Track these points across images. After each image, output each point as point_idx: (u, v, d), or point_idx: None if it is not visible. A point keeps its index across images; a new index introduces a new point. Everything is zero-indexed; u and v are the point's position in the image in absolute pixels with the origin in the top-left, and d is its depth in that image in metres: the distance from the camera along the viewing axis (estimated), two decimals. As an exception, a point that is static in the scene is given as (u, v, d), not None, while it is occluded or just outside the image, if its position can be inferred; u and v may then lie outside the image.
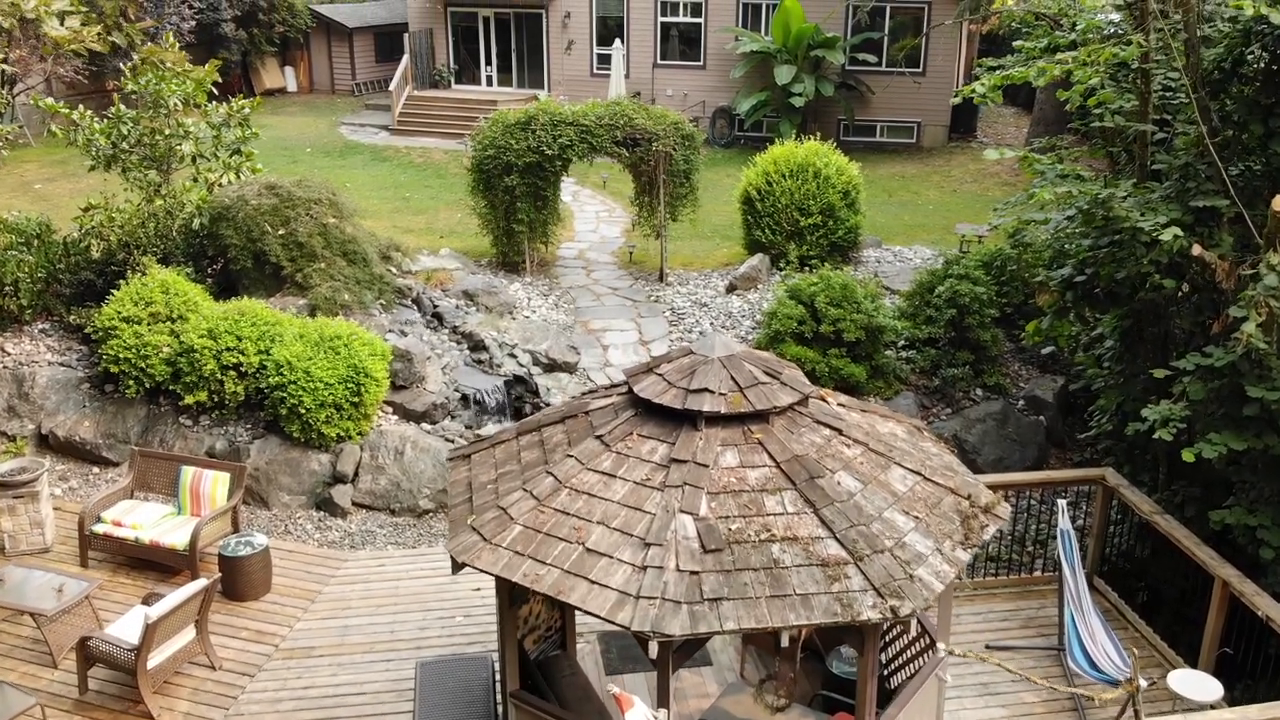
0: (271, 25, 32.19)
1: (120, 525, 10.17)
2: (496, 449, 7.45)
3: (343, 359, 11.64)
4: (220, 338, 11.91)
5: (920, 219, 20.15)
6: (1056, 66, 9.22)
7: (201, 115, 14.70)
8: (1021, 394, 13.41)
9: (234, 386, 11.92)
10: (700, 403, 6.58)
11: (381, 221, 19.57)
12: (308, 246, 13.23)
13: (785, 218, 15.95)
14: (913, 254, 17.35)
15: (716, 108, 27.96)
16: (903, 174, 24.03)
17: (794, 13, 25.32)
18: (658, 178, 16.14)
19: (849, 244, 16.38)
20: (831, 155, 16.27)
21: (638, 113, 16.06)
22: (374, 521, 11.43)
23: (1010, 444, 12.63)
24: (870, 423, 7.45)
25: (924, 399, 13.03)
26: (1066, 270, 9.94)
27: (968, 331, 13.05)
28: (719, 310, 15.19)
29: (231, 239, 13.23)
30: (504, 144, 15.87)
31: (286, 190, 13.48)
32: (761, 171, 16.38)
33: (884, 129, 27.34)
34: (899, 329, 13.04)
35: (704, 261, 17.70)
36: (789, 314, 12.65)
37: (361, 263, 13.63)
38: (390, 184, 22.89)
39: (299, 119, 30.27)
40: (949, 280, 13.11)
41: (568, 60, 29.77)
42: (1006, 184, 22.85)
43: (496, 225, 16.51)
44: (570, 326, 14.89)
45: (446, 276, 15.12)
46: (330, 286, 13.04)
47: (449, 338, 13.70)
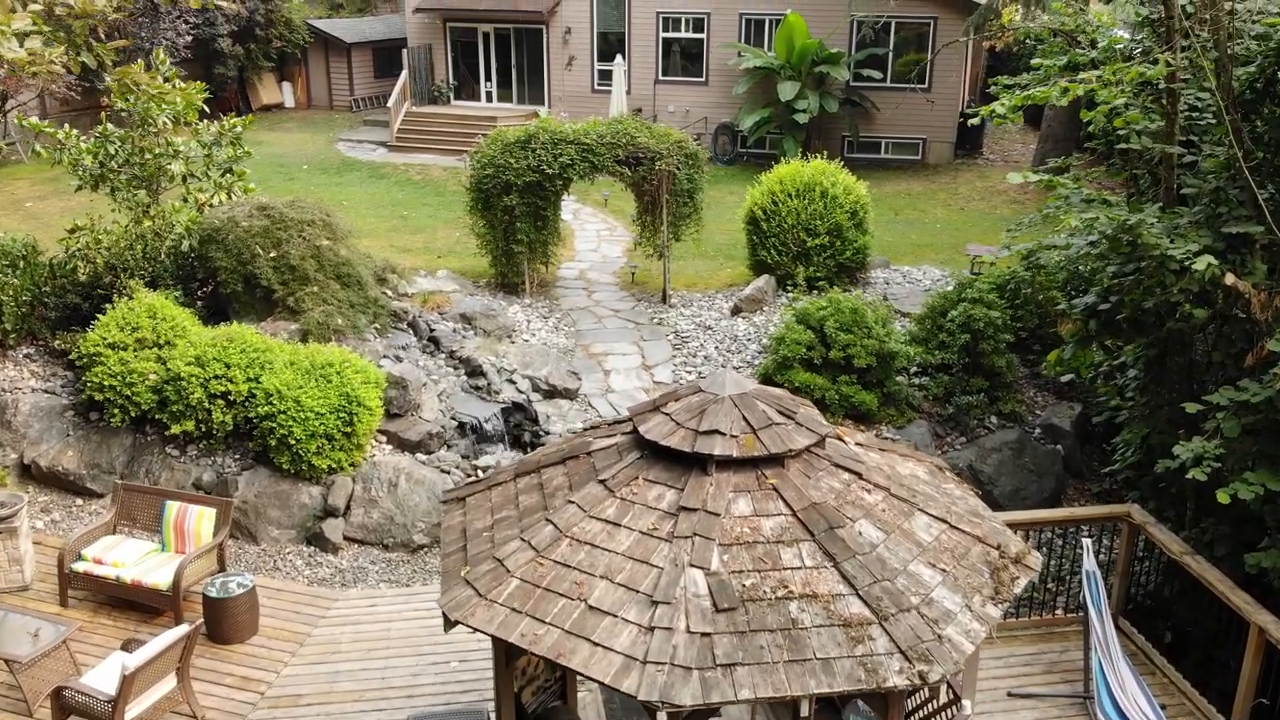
0: (269, 40, 31.87)
1: (101, 563, 9.72)
2: (493, 491, 7.01)
3: (334, 387, 11.21)
4: (208, 365, 11.48)
5: (928, 238, 19.75)
6: (1080, 86, 8.81)
7: (192, 134, 14.30)
8: (1038, 422, 12.97)
9: (222, 416, 11.49)
10: (711, 445, 6.15)
11: (378, 241, 19.18)
12: (300, 269, 12.81)
13: (791, 238, 15.54)
14: (921, 274, 16.93)
15: (719, 124, 27.60)
16: (909, 191, 23.65)
17: (798, 28, 24.98)
18: (660, 197, 15.74)
19: (857, 265, 15.97)
20: (839, 174, 15.87)
21: (640, 131, 15.67)
22: (366, 557, 10.98)
23: (1027, 475, 12.19)
24: (890, 464, 7.03)
25: (938, 427, 12.60)
26: (1090, 298, 9.52)
27: (982, 358, 12.62)
28: (724, 333, 14.77)
29: (221, 262, 12.82)
30: (503, 163, 15.48)
31: (278, 211, 13.07)
32: (767, 191, 15.98)
33: (889, 146, 26.97)
34: (911, 355, 12.61)
35: (707, 282, 17.29)
36: (797, 339, 12.22)
37: (355, 286, 13.21)
38: (388, 202, 22.50)
39: (296, 135, 29.91)
40: (962, 305, 12.69)
41: (568, 76, 29.43)
42: (1015, 202, 22.46)
43: (495, 245, 16.11)
44: (571, 350, 14.47)
45: (444, 299, 14.70)
46: (323, 311, 12.62)
47: (445, 363, 13.28)
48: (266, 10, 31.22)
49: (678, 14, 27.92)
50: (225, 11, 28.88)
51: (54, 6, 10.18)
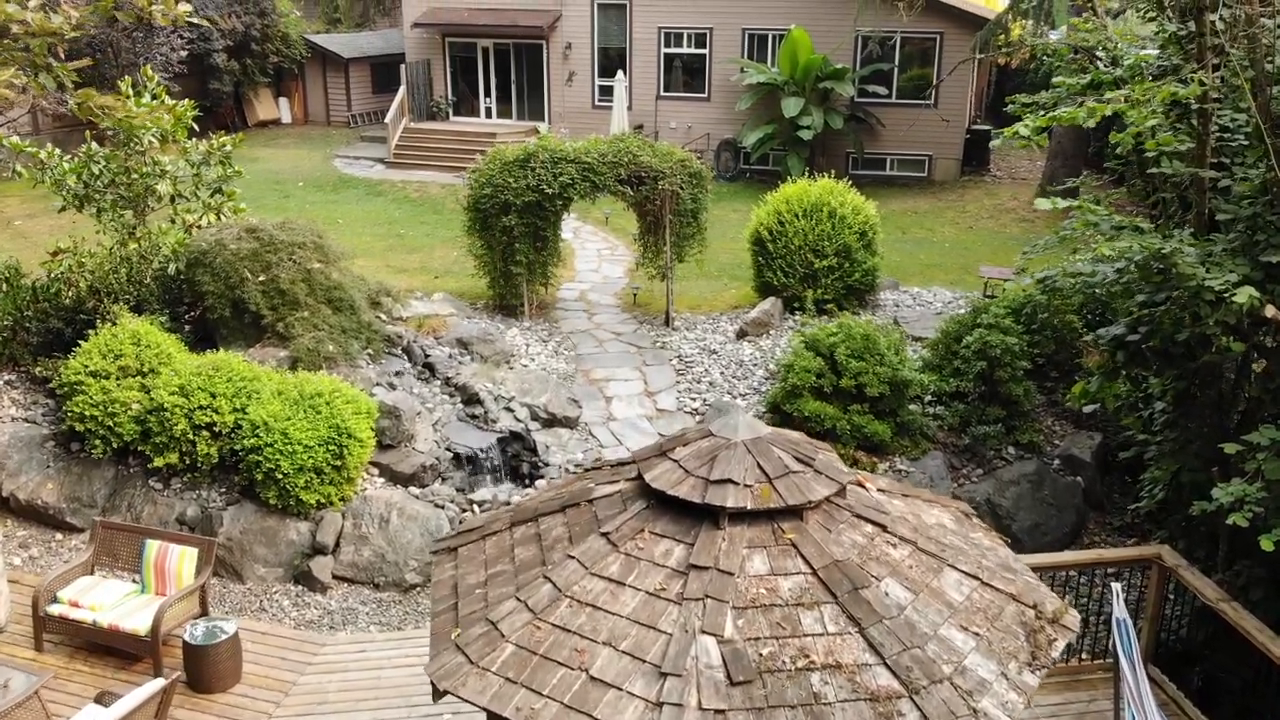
0: (265, 56, 31.51)
1: (78, 606, 9.22)
2: (487, 541, 6.52)
3: (324, 419, 10.73)
4: (192, 395, 11.01)
5: (937, 258, 19.30)
6: (1107, 106, 8.35)
7: (180, 153, 13.85)
8: (1056, 452, 12.49)
9: (207, 448, 11.00)
10: (723, 496, 5.66)
11: (374, 260, 18.73)
12: (290, 294, 12.35)
13: (799, 260, 15.08)
14: (932, 296, 16.47)
15: (721, 140, 27.20)
16: (915, 209, 23.21)
17: (802, 44, 24.58)
18: (663, 217, 15.29)
19: (866, 287, 15.51)
20: (847, 194, 15.42)
21: (643, 149, 15.23)
22: (356, 597, 10.48)
23: (1047, 508, 11.70)
24: (915, 512, 6.54)
25: (953, 459, 12.11)
26: (1118, 329, 9.04)
27: (999, 385, 12.14)
28: (729, 358, 14.29)
29: (208, 286, 12.35)
30: (501, 182, 15.04)
31: (268, 234, 12.61)
32: (773, 211, 15.53)
33: (894, 162, 26.56)
34: (925, 383, 12.13)
35: (711, 304, 16.82)
36: (806, 367, 11.75)
37: (348, 310, 12.74)
38: (384, 220, 22.07)
39: (292, 151, 29.51)
40: (978, 330, 12.22)
41: (569, 92, 29.04)
42: (1024, 220, 22.02)
43: (493, 267, 15.65)
44: (571, 376, 14.00)
45: (440, 323, 14.23)
46: (313, 337, 12.15)
47: (441, 390, 12.80)
48: (263, 25, 30.85)
49: (679, 29, 27.55)
50: (219, 27, 28.50)
51: (9, 24, 9.70)
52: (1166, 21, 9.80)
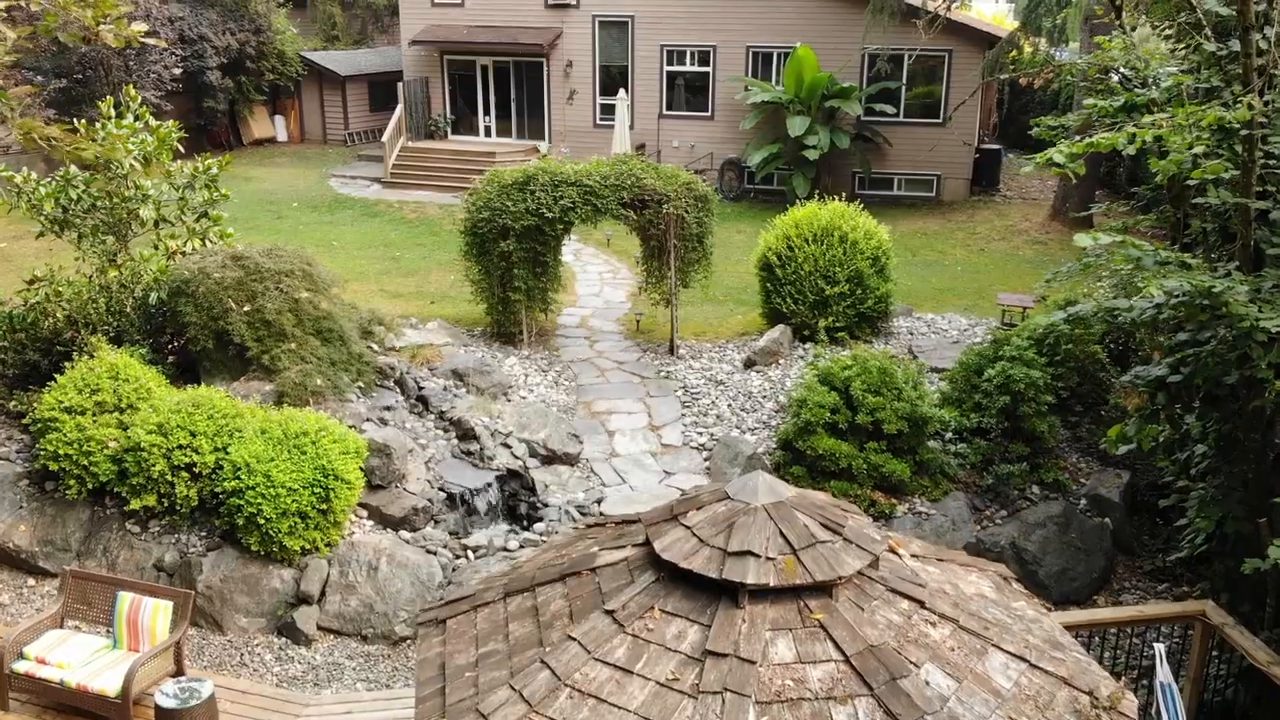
0: (260, 73, 31.01)
1: (44, 663, 8.58)
2: (478, 614, 5.89)
3: (309, 459, 10.11)
4: (171, 434, 10.39)
5: (949, 281, 18.71)
6: (1149, 131, 7.76)
7: (164, 176, 13.27)
8: (1083, 492, 11.86)
9: (186, 490, 10.38)
10: (743, 570, 5.04)
11: (368, 285, 18.16)
12: (276, 325, 11.74)
13: (809, 286, 14.49)
14: (946, 323, 15.87)
15: (725, 159, 26.66)
16: (925, 230, 22.64)
17: (807, 62, 24.06)
18: (668, 242, 14.71)
19: (878, 314, 14.91)
20: (859, 218, 14.84)
21: (646, 172, 14.66)
22: (342, 650, 9.83)
23: (1074, 553, 11.07)
24: (952, 580, 5.92)
25: (975, 499, 11.49)
26: (1159, 370, 8.44)
27: (1022, 421, 11.53)
28: (736, 389, 13.68)
29: (191, 316, 11.75)
30: (500, 205, 14.46)
31: (254, 261, 12.02)
32: (781, 235, 14.95)
33: (902, 182, 26.02)
34: (946, 420, 11.52)
35: (717, 330, 16.23)
36: (820, 402, 11.13)
37: (337, 342, 12.13)
38: (380, 242, 21.49)
39: (287, 170, 28.98)
40: (1000, 363, 11.61)
41: (570, 110, 28.52)
42: (1037, 242, 21.45)
43: (491, 293, 15.07)
44: (572, 408, 13.39)
45: (434, 353, 13.63)
46: (300, 371, 11.54)
47: (435, 425, 12.19)
48: (258, 42, 30.36)
49: (682, 47, 27.05)
50: (213, 44, 28.04)
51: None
52: (1204, 41, 9.22)
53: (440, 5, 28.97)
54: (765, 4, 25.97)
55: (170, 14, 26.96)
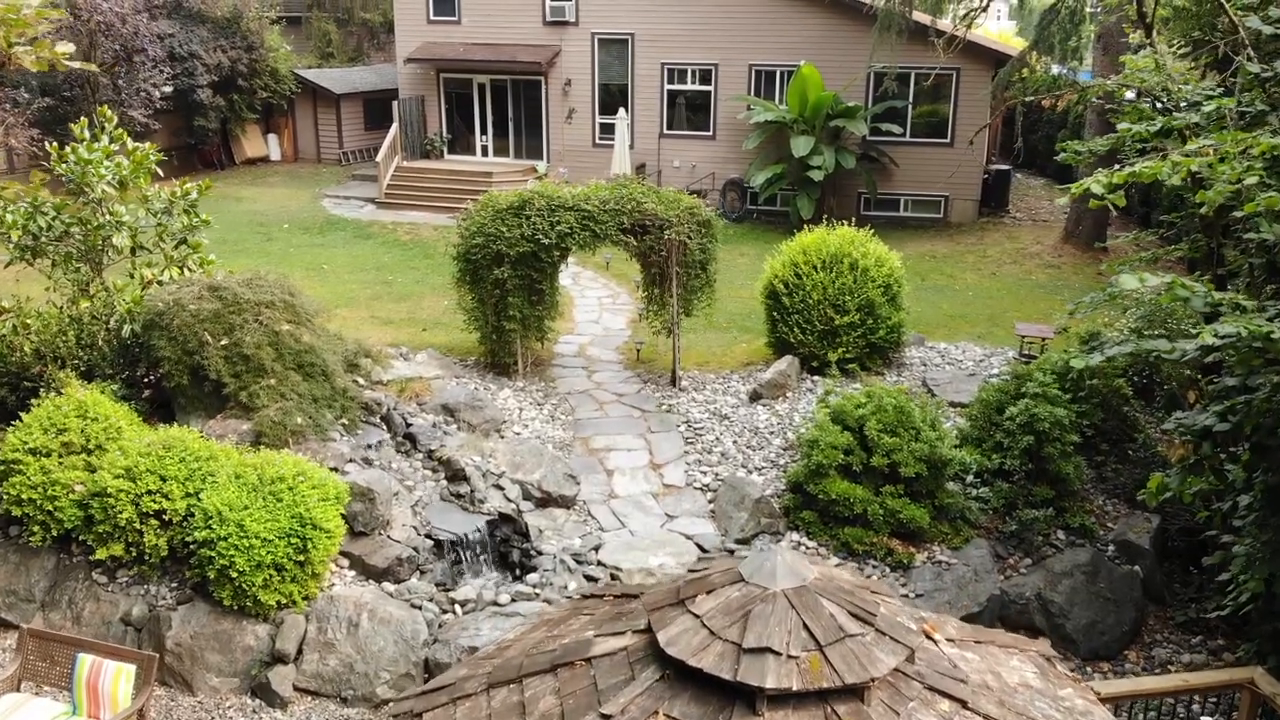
0: (253, 91, 30.42)
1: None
2: (458, 708, 5.20)
3: (285, 507, 9.42)
4: (140, 479, 9.70)
5: (960, 307, 18.05)
6: (1194, 160, 7.12)
7: (140, 201, 12.63)
8: (1110, 537, 11.17)
9: (155, 538, 9.69)
10: (761, 671, 4.36)
11: (358, 311, 17.51)
12: (255, 360, 11.07)
13: (817, 315, 13.82)
14: (960, 353, 15.19)
15: (727, 180, 26.05)
16: (933, 253, 22.00)
17: (811, 81, 23.47)
18: (670, 269, 14.05)
19: (890, 345, 14.24)
20: (869, 244, 14.17)
21: (647, 196, 14.00)
22: (320, 713, 9.12)
23: (1103, 604, 10.38)
24: (994, 669, 5.25)
25: (998, 546, 10.79)
26: (1206, 418, 7.76)
27: (1047, 463, 10.85)
28: (742, 424, 13.00)
29: (165, 351, 11.07)
30: (494, 231, 13.81)
31: (232, 292, 11.35)
32: (788, 262, 14.28)
33: (908, 203, 25.40)
34: (967, 462, 10.84)
35: (721, 360, 15.55)
36: (833, 443, 10.46)
37: (320, 377, 11.46)
38: (372, 265, 20.85)
39: (279, 190, 28.37)
40: (1023, 401, 10.94)
41: (568, 130, 27.93)
42: (1050, 266, 20.80)
43: (485, 322, 14.39)
44: (568, 445, 12.70)
45: (423, 386, 12.95)
46: (279, 409, 10.86)
47: (423, 465, 11.50)
48: (250, 60, 29.78)
49: (683, 65, 26.47)
50: (205, 61, 27.47)
51: None
52: (1246, 63, 8.59)
53: (437, 22, 28.43)
54: (768, 22, 25.40)
55: (160, 31, 26.38)
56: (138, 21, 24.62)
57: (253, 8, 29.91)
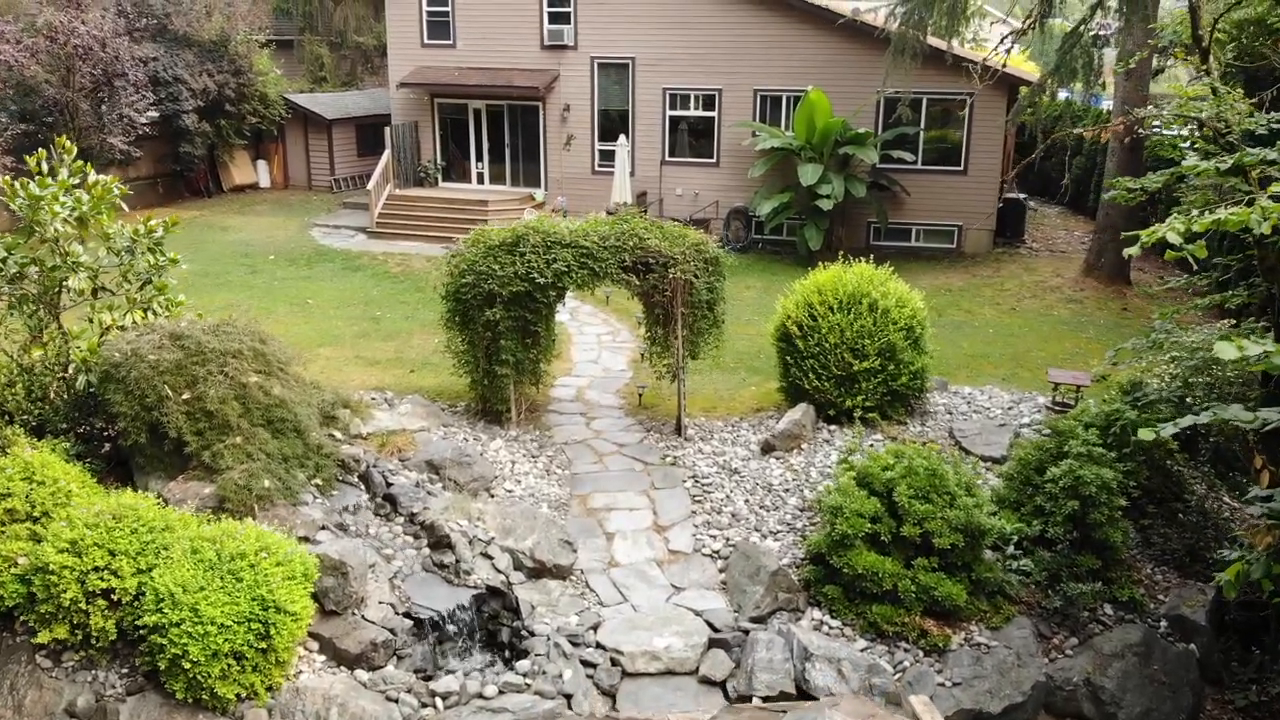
0: (241, 116, 29.47)
1: None
2: None
3: (246, 588, 8.39)
4: (86, 553, 8.67)
5: (981, 346, 17.04)
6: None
7: (101, 239, 11.63)
8: (1162, 610, 10.13)
9: (103, 620, 8.65)
10: None
11: (342, 350, 16.50)
12: (219, 416, 10.05)
13: (834, 360, 12.80)
14: (987, 399, 14.16)
15: (731, 208, 25.11)
16: (948, 286, 21.01)
17: (820, 106, 22.55)
18: (675, 309, 13.05)
19: (913, 391, 13.21)
20: (889, 283, 13.17)
21: (650, 231, 13.03)
22: (283, 826, 8.06)
23: (1158, 689, 9.34)
24: None
25: (1040, 624, 9.75)
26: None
27: (1093, 530, 9.83)
28: (754, 480, 11.97)
29: (121, 406, 10.06)
30: (485, 269, 12.83)
31: (195, 340, 10.35)
32: (802, 302, 13.28)
33: (920, 233, 24.45)
34: (1007, 531, 9.80)
35: (729, 405, 14.54)
36: (859, 510, 9.43)
37: (292, 433, 10.43)
38: (360, 299, 19.85)
39: (267, 219, 27.41)
40: (1066, 462, 9.92)
41: (567, 156, 27.01)
42: (1072, 300, 19.81)
43: (475, 366, 13.39)
44: (565, 504, 11.67)
45: (407, 441, 11.92)
46: (245, 471, 9.83)
47: (404, 530, 10.47)
48: (238, 84, 28.85)
49: (686, 90, 25.57)
50: (191, 86, 26.55)
51: None
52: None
53: (431, 46, 27.55)
54: (774, 45, 24.51)
55: (142, 55, 25.45)
56: (118, 45, 23.69)
57: (241, 31, 28.99)
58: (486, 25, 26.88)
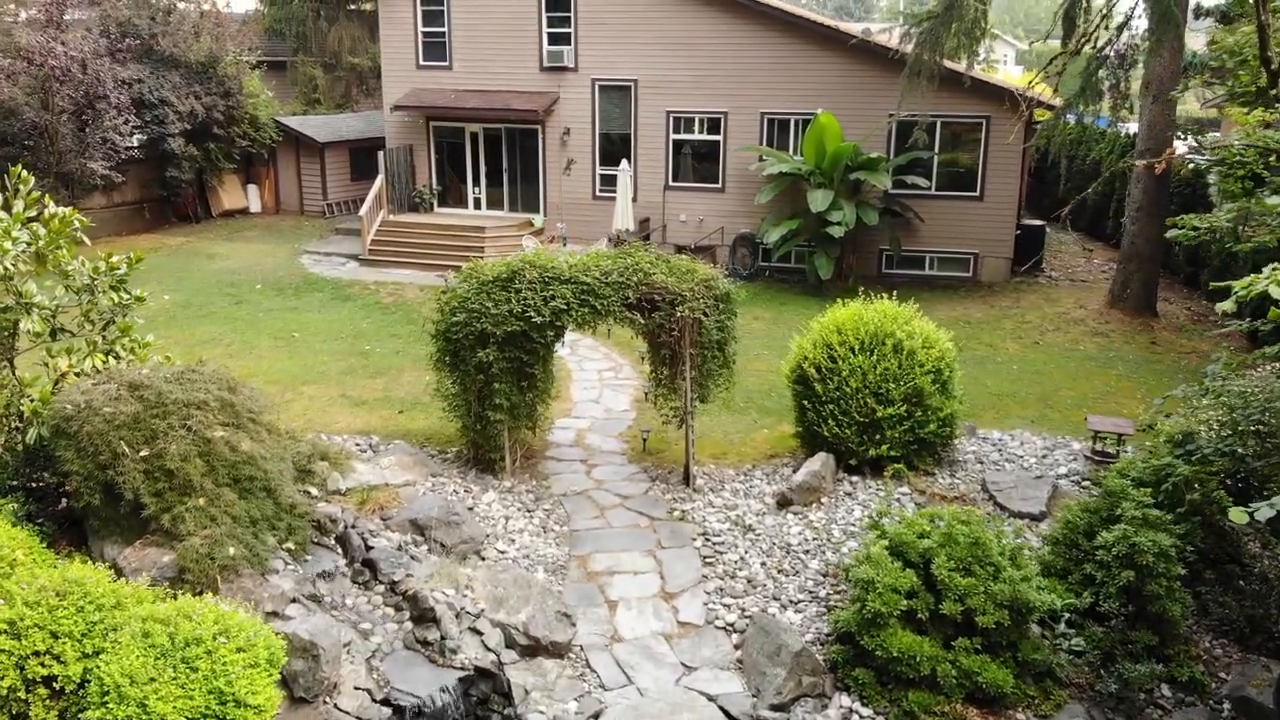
0: (231, 140, 28.55)
1: None
2: None
3: (201, 679, 7.38)
4: (26, 636, 7.67)
5: (1007, 384, 16.06)
6: None
7: (60, 277, 10.67)
8: (1225, 691, 9.11)
9: (44, 712, 7.63)
10: None
11: (327, 388, 15.53)
12: (180, 475, 9.07)
13: (856, 405, 11.82)
14: (1019, 445, 13.17)
15: (737, 235, 24.18)
16: (967, 318, 20.04)
17: (830, 130, 21.64)
18: (682, 350, 12.09)
19: (941, 440, 12.23)
20: (915, 322, 12.21)
21: (656, 266, 12.08)
22: None
23: (1231, 785, 8.31)
24: None
25: (1094, 710, 8.72)
26: None
27: (1150, 603, 8.83)
28: (771, 539, 10.97)
29: (72, 465, 9.09)
30: (478, 307, 11.88)
31: (156, 390, 9.38)
32: (820, 342, 12.31)
33: (934, 261, 23.49)
34: (1058, 606, 8.79)
35: (740, 450, 13.56)
36: (893, 584, 8.43)
37: (261, 493, 9.45)
38: (349, 332, 18.88)
39: (256, 246, 26.48)
40: (1120, 527, 8.93)
41: (567, 181, 26.09)
42: (1098, 334, 18.83)
43: (467, 410, 12.41)
44: (563, 566, 10.66)
45: (389, 497, 10.93)
46: (207, 538, 8.84)
47: (384, 601, 9.47)
48: (227, 106, 27.94)
49: (690, 113, 24.66)
50: (177, 109, 25.64)
51: None
52: None
53: (427, 68, 26.69)
54: (782, 67, 23.63)
55: (126, 76, 24.55)
56: (99, 66, 22.78)
57: (230, 51, 28.12)
58: (484, 46, 26.03)
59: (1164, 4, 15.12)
